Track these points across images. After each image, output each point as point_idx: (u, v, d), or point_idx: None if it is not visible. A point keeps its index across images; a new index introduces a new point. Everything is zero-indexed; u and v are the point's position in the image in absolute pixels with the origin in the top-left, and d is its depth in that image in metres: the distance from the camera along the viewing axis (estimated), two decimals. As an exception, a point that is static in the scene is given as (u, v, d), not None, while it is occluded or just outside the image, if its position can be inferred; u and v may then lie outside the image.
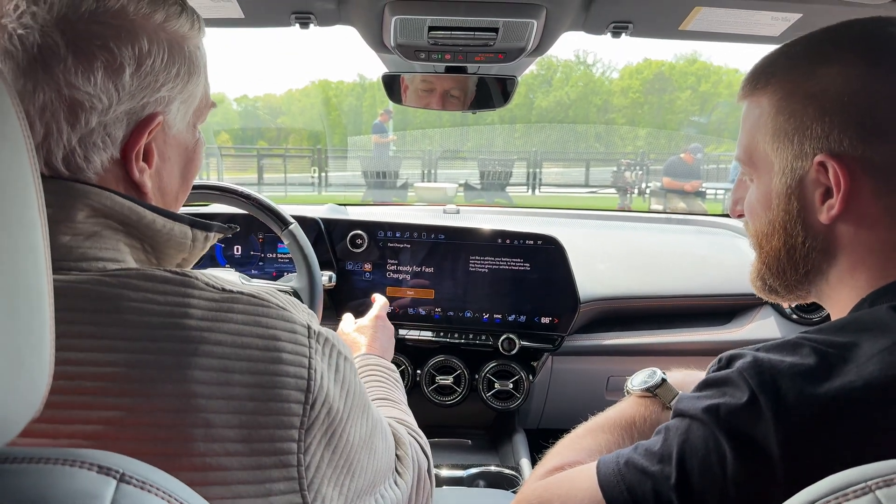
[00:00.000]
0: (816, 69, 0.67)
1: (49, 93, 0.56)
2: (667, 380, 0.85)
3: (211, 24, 1.18)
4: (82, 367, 0.52)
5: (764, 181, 0.72)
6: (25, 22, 0.56)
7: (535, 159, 14.36)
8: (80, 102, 0.57)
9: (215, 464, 0.53)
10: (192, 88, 0.66)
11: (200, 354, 0.54)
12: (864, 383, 0.55)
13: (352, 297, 1.77)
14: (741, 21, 1.13)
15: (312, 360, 0.60)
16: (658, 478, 0.61)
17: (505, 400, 1.75)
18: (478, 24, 1.11)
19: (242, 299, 0.59)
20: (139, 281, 0.56)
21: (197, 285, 0.58)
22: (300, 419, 0.57)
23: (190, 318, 0.55)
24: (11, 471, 0.40)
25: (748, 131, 0.73)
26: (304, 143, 21.22)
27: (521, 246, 1.72)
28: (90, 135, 0.59)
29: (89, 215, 0.58)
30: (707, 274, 1.87)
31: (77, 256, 0.57)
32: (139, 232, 0.62)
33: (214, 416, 0.54)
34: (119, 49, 0.58)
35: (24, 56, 0.56)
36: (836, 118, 0.64)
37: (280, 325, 0.59)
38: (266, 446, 0.55)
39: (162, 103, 0.63)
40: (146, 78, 0.60)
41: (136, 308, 0.54)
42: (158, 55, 0.61)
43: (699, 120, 26.65)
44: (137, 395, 0.52)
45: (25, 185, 0.39)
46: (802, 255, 0.70)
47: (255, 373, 0.56)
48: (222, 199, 1.49)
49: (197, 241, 0.67)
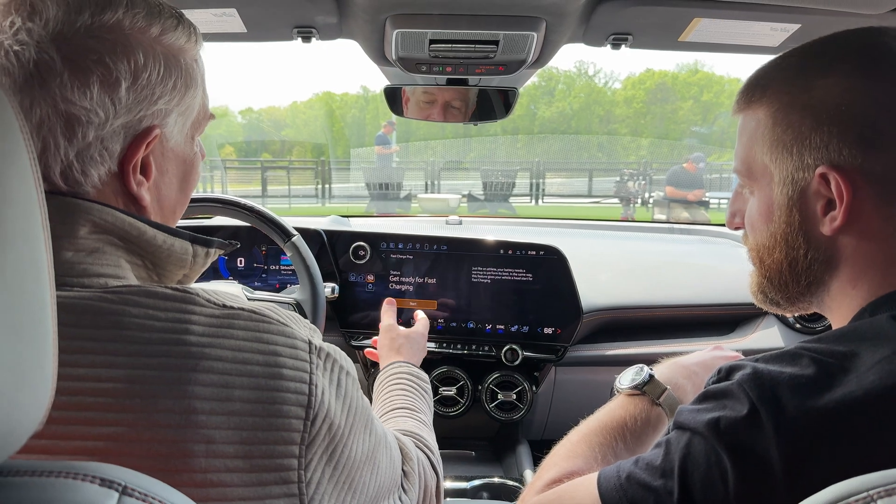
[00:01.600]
0: (813, 80, 0.66)
1: (45, 108, 0.56)
2: (654, 376, 0.85)
3: (214, 38, 1.20)
4: (83, 383, 0.52)
5: (764, 193, 0.72)
6: (21, 38, 0.56)
7: (538, 170, 14.37)
8: (76, 117, 0.57)
9: (216, 480, 0.53)
10: (189, 101, 0.66)
11: (201, 370, 0.54)
12: (865, 393, 0.55)
13: (355, 308, 1.78)
14: (740, 32, 1.13)
15: (313, 376, 0.59)
16: (660, 493, 0.61)
17: (508, 411, 1.74)
18: (478, 36, 1.12)
19: (243, 315, 0.59)
20: (140, 297, 0.56)
21: (198, 301, 0.58)
22: (301, 435, 0.57)
23: (191, 333, 0.55)
24: (14, 484, 0.40)
25: (745, 144, 0.73)
26: (308, 155, 21.30)
27: (523, 256, 1.72)
28: (87, 149, 0.59)
29: (91, 231, 0.58)
30: (710, 283, 1.87)
31: (79, 272, 0.57)
32: (140, 248, 0.62)
33: (215, 431, 0.54)
34: (115, 63, 0.58)
35: (20, 72, 0.56)
36: (835, 128, 0.64)
37: (281, 341, 0.59)
38: (266, 462, 0.55)
39: (159, 116, 0.63)
40: (142, 91, 0.60)
41: (137, 324, 0.55)
42: (154, 68, 0.61)
43: (701, 130, 26.66)
44: (138, 410, 0.52)
45: (29, 200, 0.39)
46: (804, 268, 0.70)
47: (256, 388, 0.56)
48: (225, 212, 1.50)
49: (198, 256, 0.67)
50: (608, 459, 0.77)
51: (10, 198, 0.38)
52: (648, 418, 0.82)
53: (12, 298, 0.37)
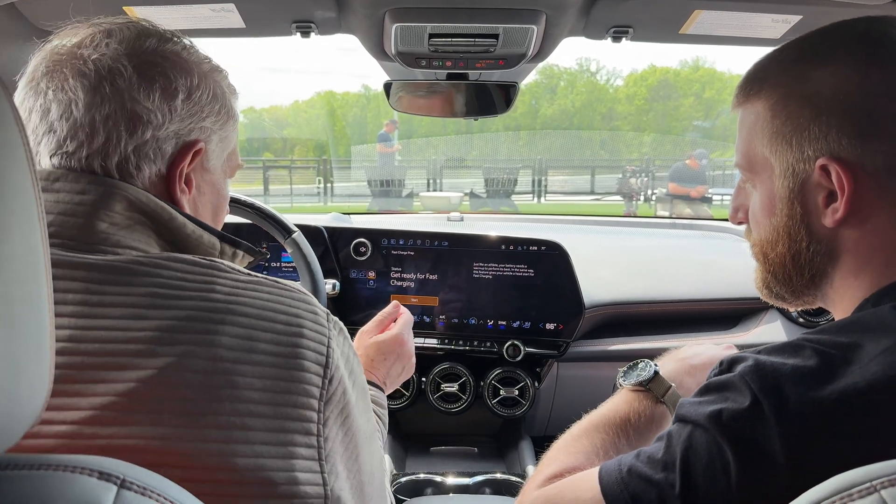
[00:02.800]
0: (810, 71, 0.66)
1: (113, 104, 0.64)
2: (659, 372, 0.84)
3: (213, 34, 1.20)
4: (113, 332, 0.56)
5: (766, 186, 0.72)
6: (101, 51, 0.65)
7: (540, 167, 14.37)
8: (138, 116, 0.65)
9: (240, 423, 0.56)
10: (229, 131, 0.75)
11: (227, 322, 0.58)
12: (868, 384, 0.55)
13: (356, 305, 1.77)
14: (741, 24, 1.13)
15: (331, 341, 0.64)
16: (663, 486, 0.61)
17: (511, 407, 1.74)
18: (478, 30, 1.12)
19: (266, 282, 0.64)
20: (171, 262, 0.61)
21: (223, 268, 0.63)
22: (319, 391, 0.61)
23: (218, 292, 0.60)
24: (12, 477, 0.40)
25: (745, 138, 0.73)
26: (310, 154, 21.30)
27: (525, 252, 1.72)
28: (144, 146, 0.66)
29: (126, 208, 0.64)
30: (713, 278, 1.86)
31: (113, 242, 0.62)
32: (170, 233, 0.67)
33: (240, 378, 0.57)
34: (175, 77, 0.67)
35: (95, 76, 0.64)
36: (833, 119, 0.64)
37: (302, 307, 0.64)
38: (290, 411, 0.58)
39: (205, 133, 0.71)
40: (194, 107, 0.69)
41: (167, 283, 0.59)
42: (205, 92, 0.70)
43: (703, 124, 26.62)
44: (166, 355, 0.55)
45: (26, 193, 0.39)
46: (807, 260, 0.69)
47: (279, 343, 0.60)
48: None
49: (224, 255, 0.71)
50: (609, 455, 0.77)
51: (7, 191, 0.37)
52: (652, 415, 0.82)
53: (9, 291, 0.37)
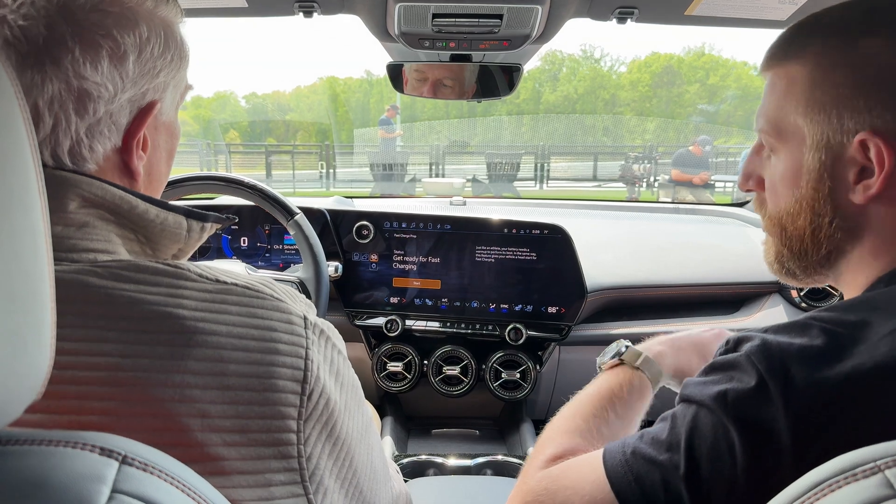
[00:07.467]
0: (859, 39, 0.63)
1: (58, 84, 0.56)
2: (630, 346, 0.87)
3: (216, 13, 1.18)
4: (76, 357, 0.52)
5: (793, 156, 0.68)
6: (26, 12, 0.55)
7: (543, 153, 14.30)
8: (88, 93, 0.57)
9: (213, 454, 0.53)
10: (182, 74, 0.67)
11: (194, 345, 0.54)
12: (875, 364, 0.54)
13: (358, 287, 1.78)
14: (747, 4, 1.11)
15: (309, 351, 0.59)
16: (667, 467, 0.60)
17: (512, 390, 1.74)
18: (482, 10, 1.11)
19: (237, 290, 0.58)
20: (130, 272, 0.55)
21: (190, 277, 0.57)
22: (297, 410, 0.57)
23: (183, 308, 0.55)
24: (12, 452, 0.40)
25: (775, 102, 0.69)
26: (312, 139, 21.25)
27: (527, 236, 1.71)
28: (97, 124, 0.59)
29: (81, 205, 0.58)
30: (715, 263, 1.86)
31: (67, 247, 0.57)
32: (131, 222, 0.61)
33: (210, 406, 0.53)
34: (122, 37, 0.59)
35: (29, 48, 0.55)
36: (881, 93, 0.61)
37: (276, 317, 0.58)
38: (264, 436, 0.55)
39: (159, 90, 0.63)
40: (146, 65, 0.61)
41: (128, 299, 0.54)
42: (156, 42, 0.62)
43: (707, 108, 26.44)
44: (131, 384, 0.52)
45: (26, 169, 0.39)
46: (827, 236, 0.67)
47: (251, 363, 0.55)
48: (228, 191, 1.50)
49: (192, 231, 0.66)
50: (602, 431, 0.77)
51: (7, 167, 0.37)
52: (632, 383, 0.83)
53: (9, 267, 0.37)
